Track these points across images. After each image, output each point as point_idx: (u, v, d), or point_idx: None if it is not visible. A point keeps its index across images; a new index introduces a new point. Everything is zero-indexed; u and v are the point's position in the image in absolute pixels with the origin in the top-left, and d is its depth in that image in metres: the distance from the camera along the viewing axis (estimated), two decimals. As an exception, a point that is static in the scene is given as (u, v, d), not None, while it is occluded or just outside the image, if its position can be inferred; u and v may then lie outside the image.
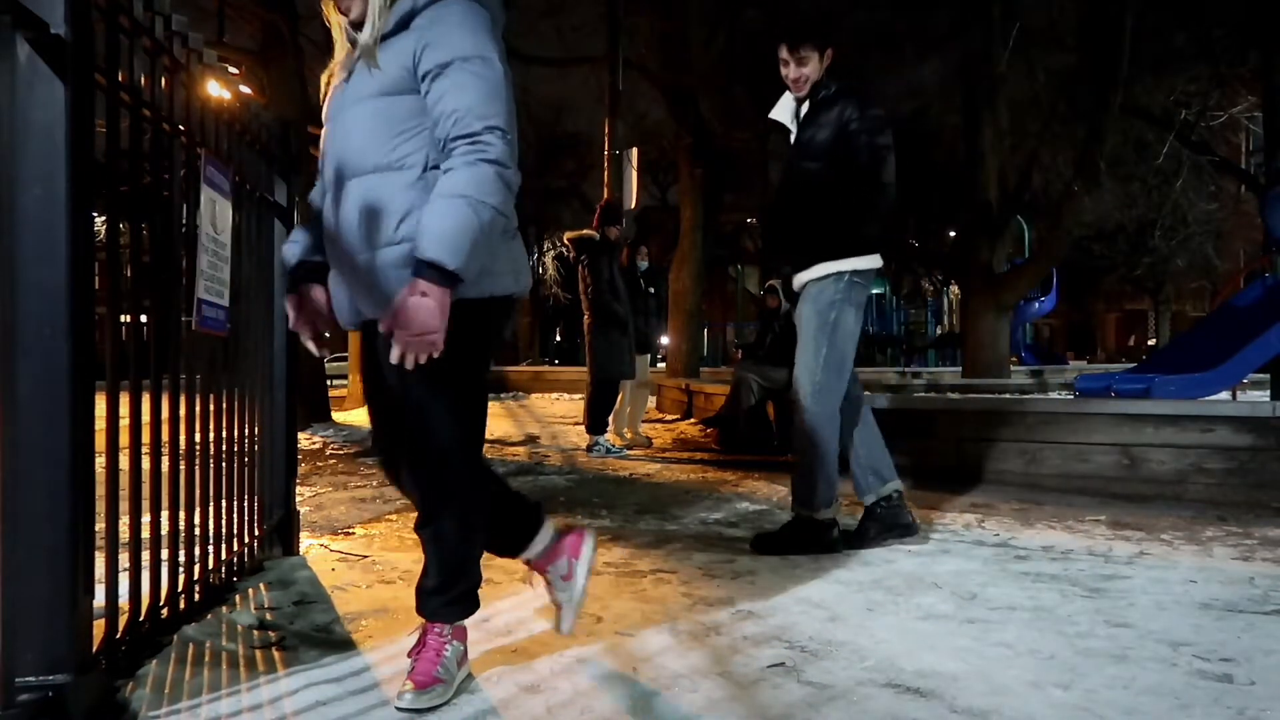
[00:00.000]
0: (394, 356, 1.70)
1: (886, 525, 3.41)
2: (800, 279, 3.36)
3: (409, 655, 1.94)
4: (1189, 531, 3.66)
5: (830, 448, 3.30)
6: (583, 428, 6.98)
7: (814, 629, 2.37)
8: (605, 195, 10.80)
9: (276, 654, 2.17)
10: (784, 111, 3.49)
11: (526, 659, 2.14)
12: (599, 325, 6.67)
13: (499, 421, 9.50)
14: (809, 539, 3.27)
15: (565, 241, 7.01)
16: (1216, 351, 7.18)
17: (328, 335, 2.05)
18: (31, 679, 1.63)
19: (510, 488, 2.12)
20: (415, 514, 1.98)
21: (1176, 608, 2.57)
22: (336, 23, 1.90)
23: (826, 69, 3.35)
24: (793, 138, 3.44)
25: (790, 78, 3.36)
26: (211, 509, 2.56)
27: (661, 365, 14.41)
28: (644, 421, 7.99)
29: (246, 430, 2.88)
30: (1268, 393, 8.19)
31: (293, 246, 1.99)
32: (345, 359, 16.89)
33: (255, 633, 2.32)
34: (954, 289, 22.13)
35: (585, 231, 6.93)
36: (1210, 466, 4.42)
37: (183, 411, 2.31)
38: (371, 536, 3.60)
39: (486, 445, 7.42)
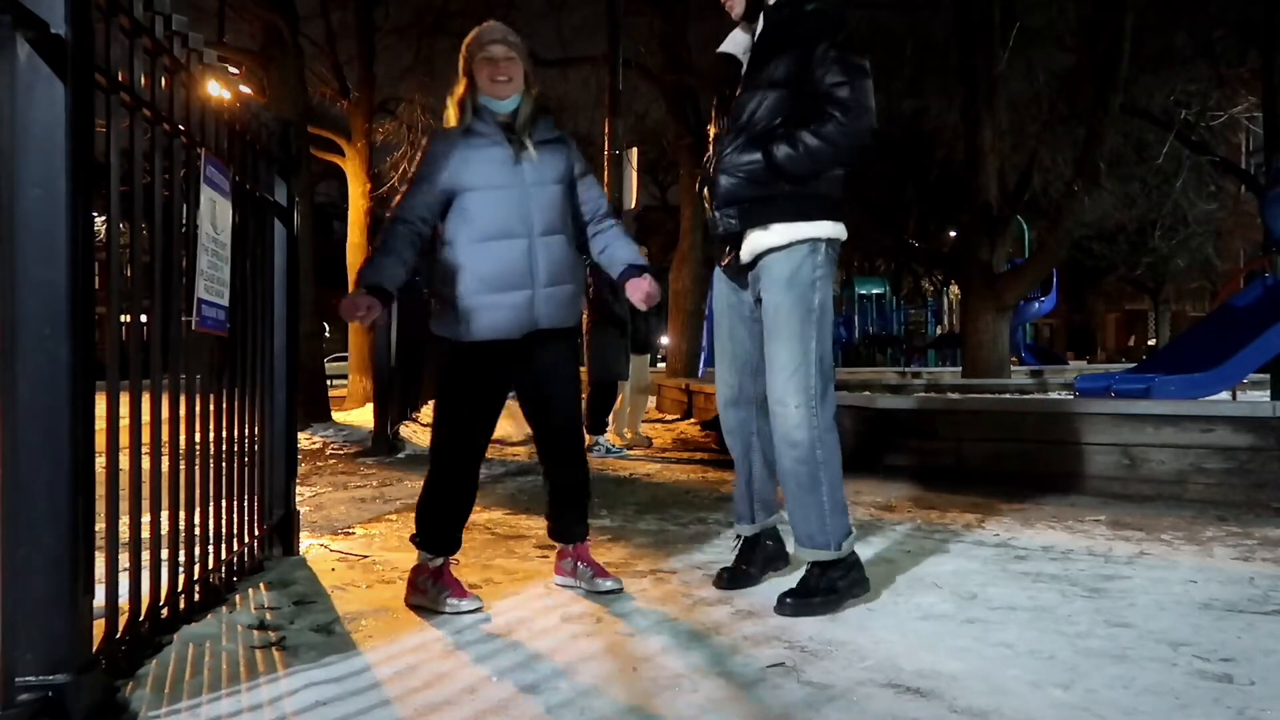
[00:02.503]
0: (646, 304, 2.81)
1: (769, 558, 2.93)
2: (756, 243, 2.65)
3: (571, 574, 2.79)
4: (1189, 531, 3.66)
5: (837, 469, 2.62)
6: (583, 428, 6.98)
7: (814, 629, 2.37)
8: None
9: (276, 654, 2.17)
10: (735, 43, 2.80)
11: (526, 659, 2.14)
12: (598, 325, 6.67)
13: (499, 422, 9.50)
14: (844, 584, 2.61)
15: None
16: (1216, 351, 7.18)
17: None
18: (31, 679, 1.63)
19: None
20: (415, 515, 2.67)
21: (1176, 608, 2.57)
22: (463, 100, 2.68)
23: None
24: (743, 70, 2.74)
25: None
26: (211, 509, 2.56)
27: (661, 365, 14.41)
28: (644, 421, 8.00)
29: (246, 430, 2.88)
30: (1268, 393, 8.19)
31: (398, 270, 2.61)
32: (345, 359, 16.90)
33: (255, 633, 2.32)
34: (954, 289, 22.15)
35: None
36: (1210, 466, 4.42)
37: (183, 411, 2.31)
38: (371, 536, 3.60)
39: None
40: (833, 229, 2.65)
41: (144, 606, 2.08)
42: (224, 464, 2.66)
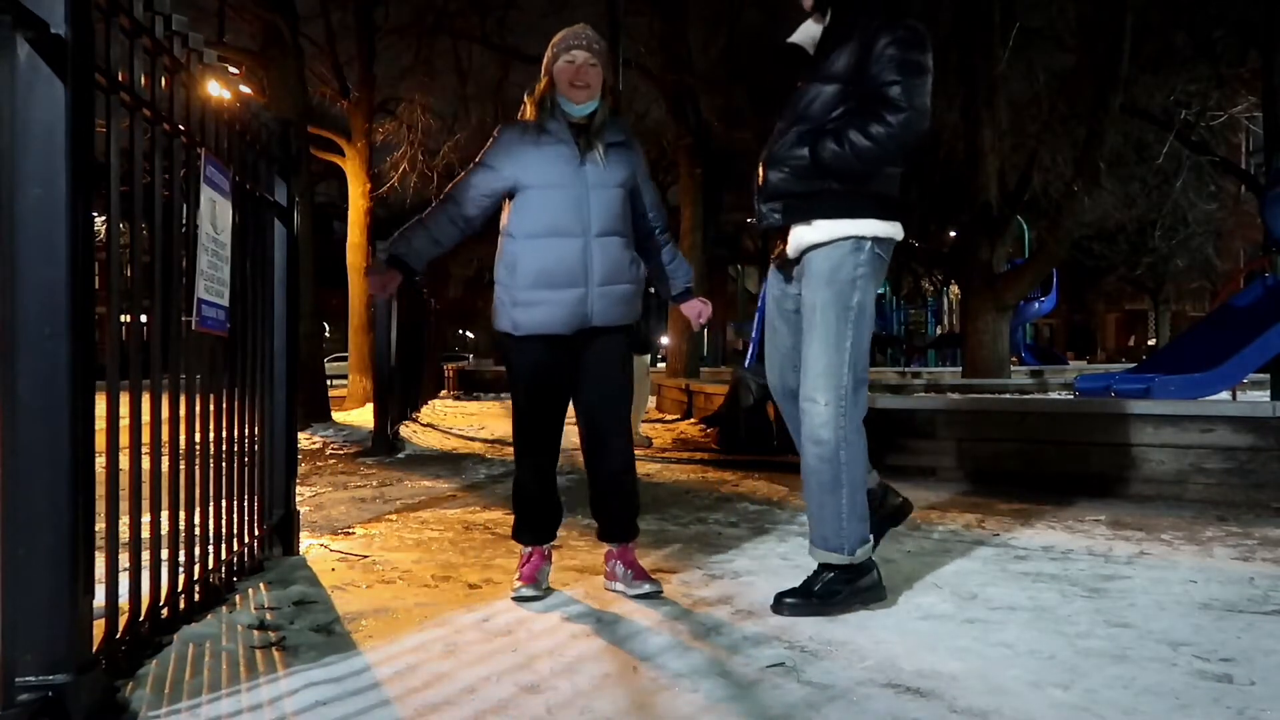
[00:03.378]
0: (701, 321, 3.11)
1: (885, 517, 2.89)
2: (801, 239, 2.59)
3: (614, 578, 2.78)
4: (1189, 531, 3.66)
5: (861, 473, 2.60)
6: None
7: (814, 629, 2.37)
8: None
9: (276, 654, 2.17)
10: (804, 34, 2.74)
11: (526, 659, 2.14)
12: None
13: (499, 421, 9.51)
14: (846, 590, 2.55)
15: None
16: (1216, 351, 7.19)
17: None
18: (31, 679, 1.63)
19: None
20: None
21: (1176, 608, 2.57)
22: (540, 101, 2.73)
23: None
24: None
25: None
26: (211, 509, 2.56)
27: (661, 365, 14.41)
28: (644, 421, 8.00)
29: (246, 430, 2.88)
30: (1268, 393, 8.20)
31: (429, 248, 2.76)
32: (345, 359, 16.90)
33: (255, 633, 2.32)
34: (954, 289, 22.15)
35: None
36: (1210, 466, 4.42)
37: (183, 411, 2.31)
38: (371, 536, 3.60)
39: (487, 445, 7.43)
40: (880, 227, 2.56)
41: (144, 606, 2.08)
42: (224, 464, 2.66)
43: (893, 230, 2.60)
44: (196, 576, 2.42)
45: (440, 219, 2.72)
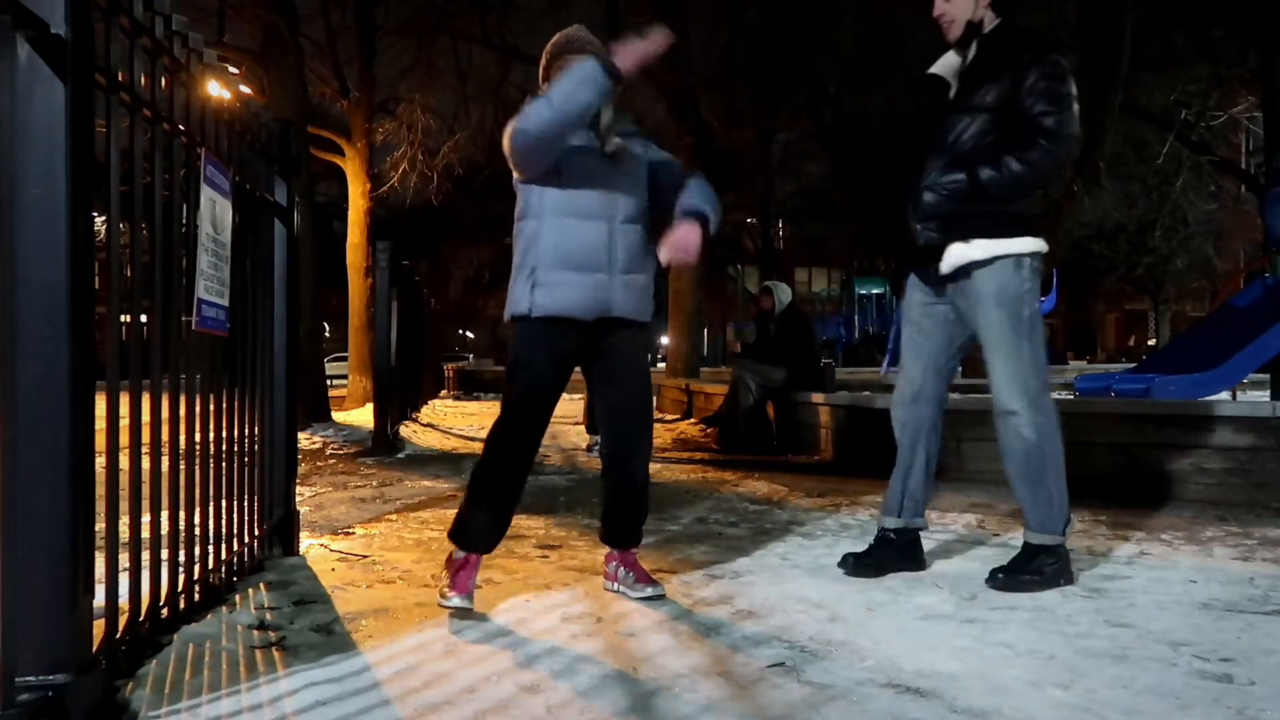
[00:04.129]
0: (673, 261, 2.62)
1: (898, 558, 3.04)
2: (958, 256, 2.82)
3: (614, 579, 2.73)
4: (1189, 531, 3.66)
5: (1062, 462, 2.88)
6: (583, 428, 6.98)
7: (814, 629, 2.37)
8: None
9: (276, 654, 2.17)
10: (945, 66, 2.97)
11: (526, 659, 2.14)
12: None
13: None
14: (1057, 569, 2.81)
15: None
16: (1216, 351, 7.18)
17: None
18: (31, 679, 1.63)
19: None
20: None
21: (1176, 608, 2.57)
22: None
23: (987, 6, 2.84)
24: (952, 92, 2.91)
25: (936, 13, 2.91)
26: (211, 509, 2.56)
27: (661, 365, 14.41)
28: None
29: (246, 430, 2.88)
30: (1268, 393, 8.20)
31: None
32: (345, 359, 16.90)
33: (255, 633, 2.32)
34: (954, 289, 22.14)
35: None
36: (1210, 466, 4.42)
37: (183, 411, 2.31)
38: (371, 536, 3.60)
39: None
40: (1033, 244, 2.83)
41: (144, 606, 2.08)
42: (224, 464, 2.66)
43: (1042, 245, 2.87)
44: (196, 576, 2.42)
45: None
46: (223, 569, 2.64)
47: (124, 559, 2.00)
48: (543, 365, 2.60)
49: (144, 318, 2.11)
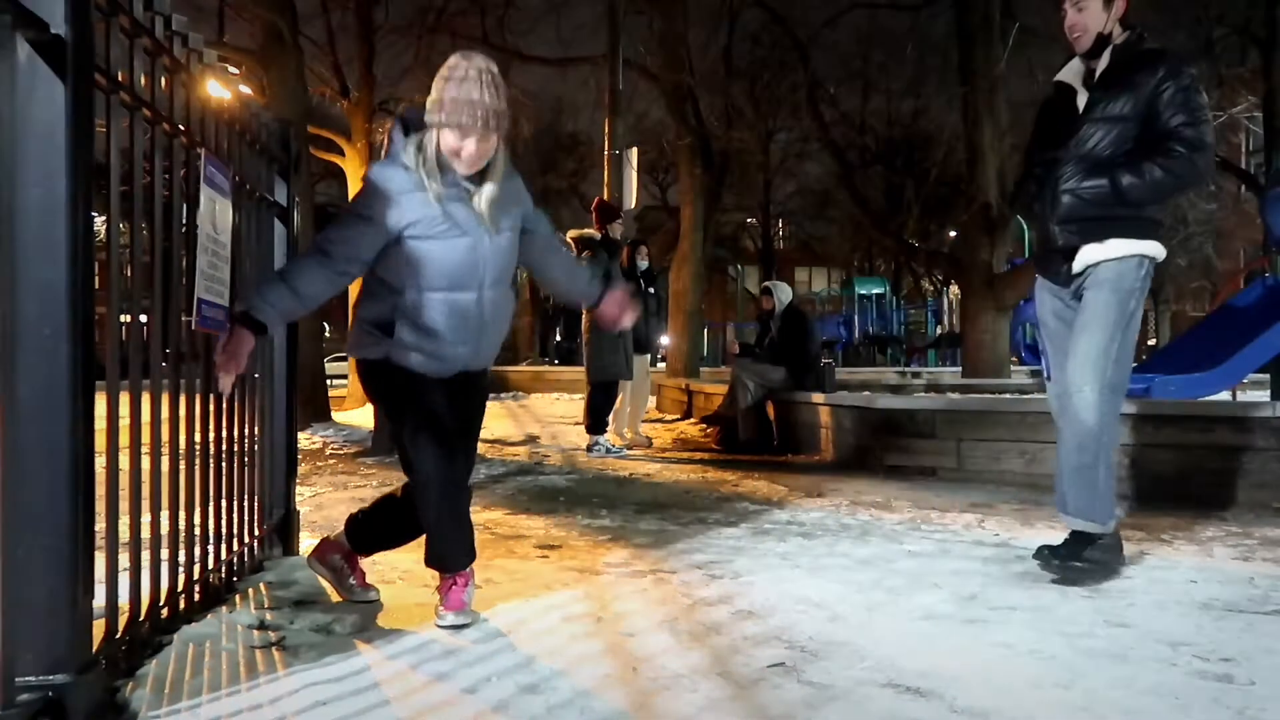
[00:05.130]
0: (623, 326, 2.90)
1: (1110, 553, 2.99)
2: (1091, 256, 2.94)
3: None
4: (1189, 531, 3.66)
5: (1112, 455, 2.95)
6: (583, 428, 6.98)
7: (814, 629, 2.37)
8: (605, 195, 10.81)
9: (276, 654, 2.17)
10: (1072, 73, 3.08)
11: (526, 659, 2.14)
12: (597, 326, 6.67)
13: (499, 421, 9.50)
14: (1099, 555, 2.88)
15: (568, 240, 7.02)
16: (1216, 351, 7.19)
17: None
18: (31, 679, 1.63)
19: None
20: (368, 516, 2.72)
21: (1176, 608, 2.57)
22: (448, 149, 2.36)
23: (1118, 19, 2.96)
24: (1080, 100, 3.01)
25: (1067, 24, 2.99)
26: (211, 509, 2.56)
27: (661, 365, 14.41)
28: (644, 421, 7.99)
29: (246, 430, 2.88)
30: (1268, 393, 8.19)
31: (292, 308, 2.37)
32: (345, 359, 16.90)
33: (255, 633, 2.32)
34: (954, 289, 22.17)
35: (587, 231, 6.92)
36: (1210, 466, 4.42)
37: (183, 411, 2.31)
38: (371, 536, 3.60)
39: (486, 445, 7.42)
40: (1157, 249, 2.96)
41: (144, 606, 2.08)
42: (224, 464, 2.66)
43: (1163, 250, 3.00)
44: (196, 576, 2.42)
45: (316, 278, 2.33)
46: (223, 569, 2.64)
47: (124, 559, 2.00)
48: (420, 386, 2.44)
49: (144, 318, 2.11)
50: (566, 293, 2.84)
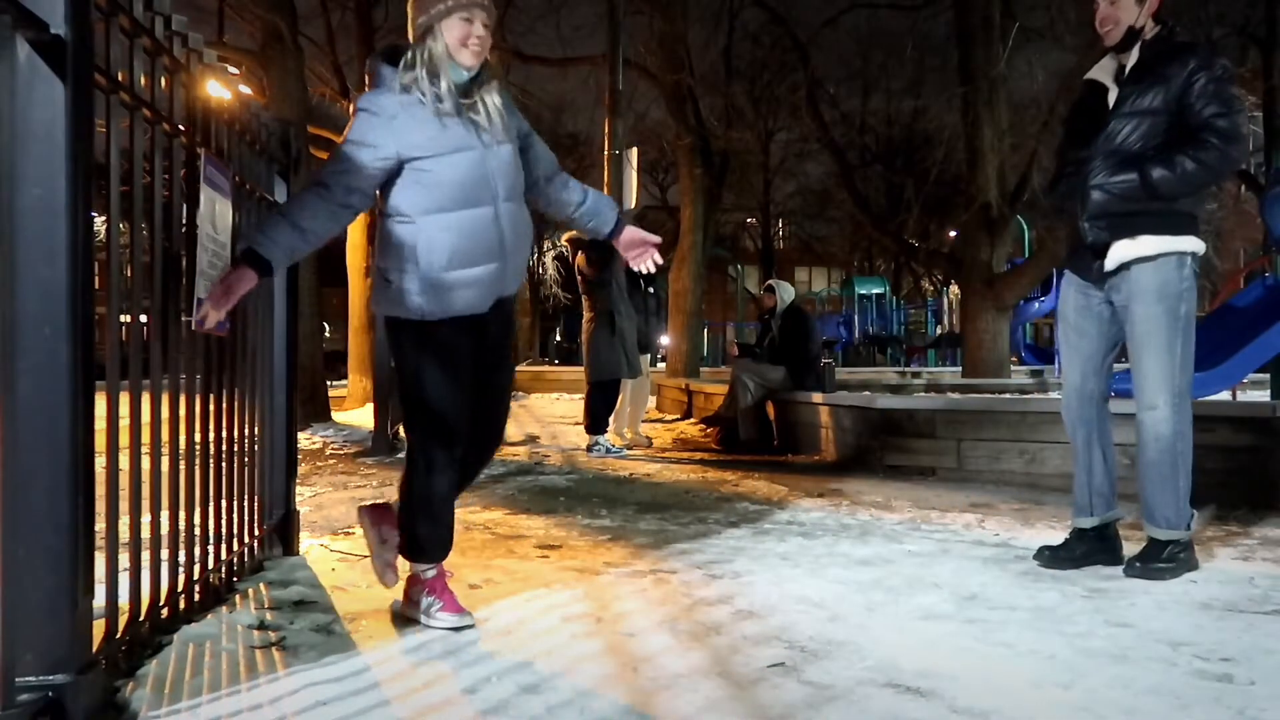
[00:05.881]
0: (652, 254, 2.68)
1: (1095, 551, 3.09)
2: (1124, 253, 2.90)
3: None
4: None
5: (1190, 460, 2.94)
6: (583, 428, 6.98)
7: (814, 629, 2.37)
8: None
9: (276, 654, 2.17)
10: (1104, 71, 3.06)
11: (526, 659, 2.14)
12: (599, 325, 6.67)
13: (499, 421, 9.49)
14: (1186, 557, 2.93)
15: (564, 242, 7.02)
16: (1216, 351, 7.18)
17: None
18: (31, 679, 1.63)
19: None
20: (399, 524, 2.52)
21: (1176, 608, 2.57)
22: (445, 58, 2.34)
23: (1150, 14, 2.93)
24: (1111, 97, 2.98)
25: (1099, 17, 2.97)
26: (211, 509, 2.56)
27: (661, 365, 14.41)
28: (644, 421, 7.99)
29: (246, 430, 2.88)
30: (1268, 393, 8.19)
31: (298, 245, 2.31)
32: (345, 359, 16.89)
33: (255, 633, 2.32)
34: (954, 289, 22.17)
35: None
36: (1210, 466, 4.41)
37: (183, 411, 2.31)
38: (371, 536, 3.60)
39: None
40: (1196, 244, 2.91)
41: (144, 606, 2.08)
42: (224, 464, 2.66)
43: (1202, 245, 2.94)
44: (196, 576, 2.42)
45: (313, 207, 2.28)
46: (223, 569, 2.64)
47: (124, 559, 2.00)
48: (454, 356, 2.39)
49: (144, 318, 2.11)
50: (587, 214, 2.62)
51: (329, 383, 10.30)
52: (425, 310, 2.34)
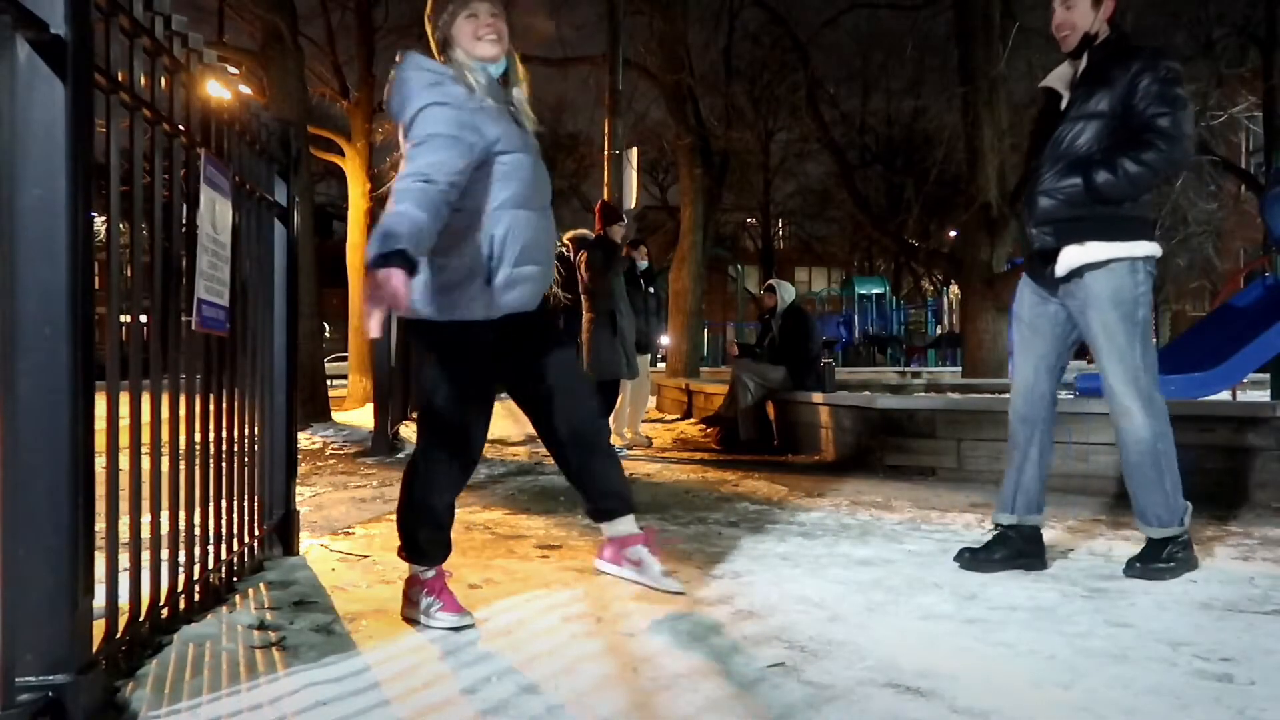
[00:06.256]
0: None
1: (1017, 554, 3.05)
2: (1073, 259, 2.88)
3: (624, 555, 2.52)
4: (1189, 531, 3.66)
5: (1174, 456, 2.95)
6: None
7: (814, 629, 2.37)
8: (605, 195, 10.81)
9: (276, 654, 2.17)
10: (1058, 78, 3.05)
11: (526, 659, 2.14)
12: (600, 324, 6.67)
13: (499, 421, 9.50)
14: (1184, 556, 2.92)
15: (565, 241, 7.02)
16: (1216, 351, 7.17)
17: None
18: (31, 679, 1.63)
19: None
20: (398, 523, 2.54)
21: (1176, 608, 2.57)
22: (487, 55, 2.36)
23: (1106, 20, 2.93)
24: (1064, 102, 2.98)
25: (1055, 22, 2.97)
26: (211, 509, 2.56)
27: (661, 365, 14.41)
28: (644, 421, 7.99)
29: (246, 430, 2.88)
30: (1268, 393, 8.19)
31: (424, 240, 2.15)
32: (345, 359, 16.91)
33: (255, 633, 2.32)
34: (954, 289, 22.18)
35: (582, 231, 6.92)
36: (1210, 466, 4.42)
37: (183, 411, 2.31)
38: (371, 536, 3.60)
39: (487, 445, 7.42)
40: (1148, 248, 2.89)
41: (144, 606, 2.08)
42: (224, 464, 2.66)
43: (1155, 249, 2.92)
44: (196, 576, 2.42)
45: (429, 199, 2.14)
46: (223, 569, 2.64)
47: (124, 559, 2.00)
48: (494, 357, 2.37)
49: (144, 318, 2.11)
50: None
51: (329, 382, 10.28)
52: (491, 305, 2.30)
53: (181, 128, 2.27)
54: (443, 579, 2.48)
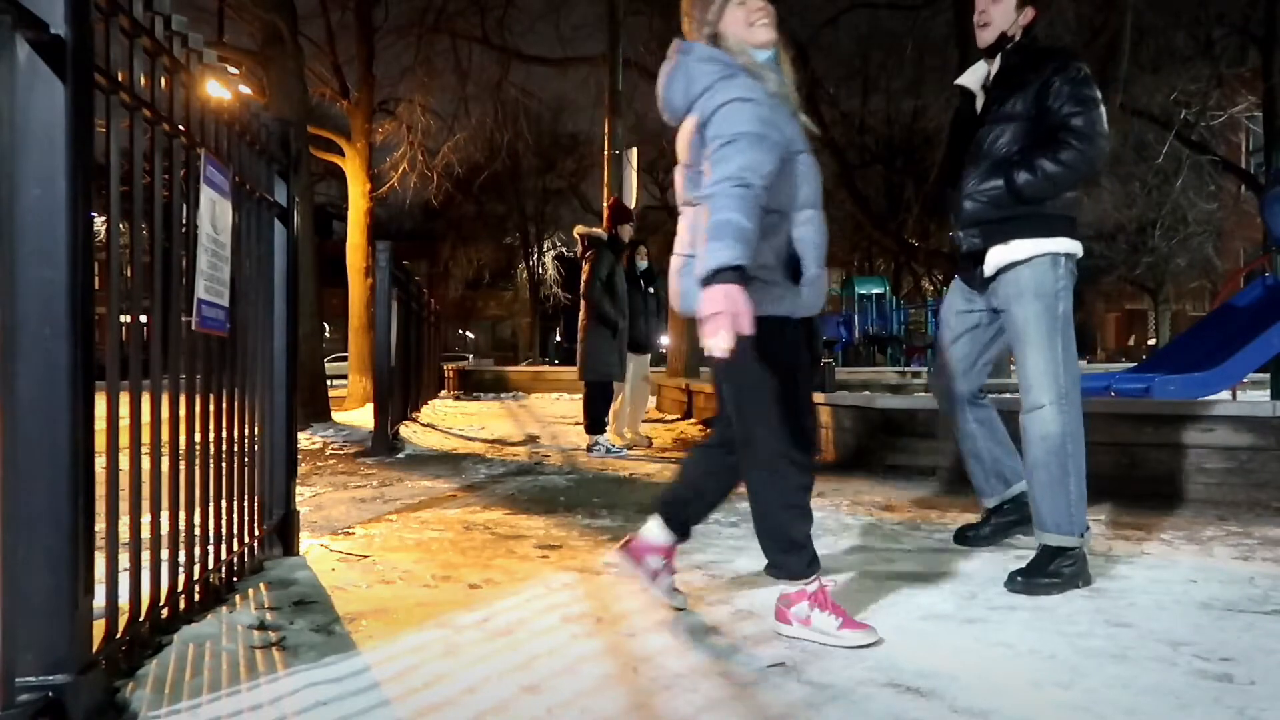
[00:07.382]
0: None
1: (1009, 524, 3.26)
2: (999, 258, 2.92)
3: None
4: (1189, 531, 3.66)
5: (1084, 463, 2.85)
6: (583, 428, 6.98)
7: (814, 629, 2.36)
8: (606, 196, 10.82)
9: (276, 654, 2.17)
10: (972, 77, 3.11)
11: (526, 659, 2.14)
12: (592, 325, 6.67)
13: (499, 421, 9.52)
14: (1074, 570, 2.78)
15: (576, 234, 7.01)
16: (1216, 351, 7.18)
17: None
18: (31, 679, 1.63)
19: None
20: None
21: (1176, 607, 2.57)
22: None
23: (1024, 27, 2.98)
24: (979, 103, 3.05)
25: (978, 10, 3.01)
26: (211, 509, 2.56)
27: (661, 365, 14.41)
28: (644, 421, 7.99)
29: (246, 430, 2.88)
30: (1268, 393, 8.20)
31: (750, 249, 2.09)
32: (345, 359, 16.92)
33: (255, 633, 2.32)
34: (954, 289, 22.20)
35: (596, 230, 6.92)
36: (1210, 466, 4.42)
37: (183, 411, 2.31)
38: (371, 536, 3.60)
39: (487, 445, 7.43)
40: (1070, 244, 2.91)
41: (144, 606, 2.07)
42: (224, 464, 2.66)
43: (1077, 247, 2.94)
44: (196, 577, 2.42)
45: (749, 206, 2.05)
46: (223, 569, 2.64)
47: (124, 559, 2.00)
48: (804, 364, 2.33)
49: (144, 318, 2.11)
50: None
51: (329, 382, 10.28)
52: (796, 305, 2.27)
53: (181, 128, 2.27)
54: (826, 590, 2.32)
